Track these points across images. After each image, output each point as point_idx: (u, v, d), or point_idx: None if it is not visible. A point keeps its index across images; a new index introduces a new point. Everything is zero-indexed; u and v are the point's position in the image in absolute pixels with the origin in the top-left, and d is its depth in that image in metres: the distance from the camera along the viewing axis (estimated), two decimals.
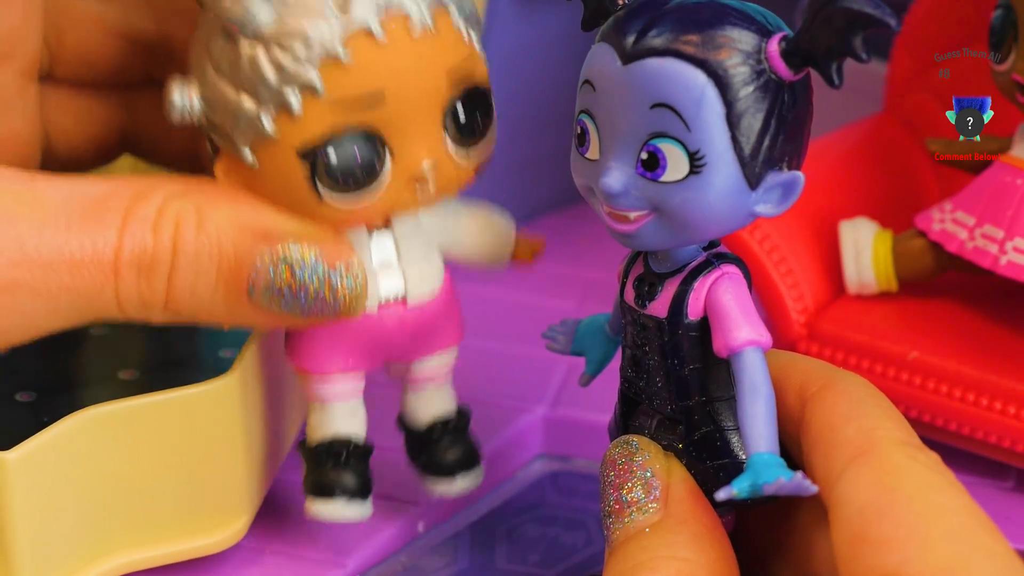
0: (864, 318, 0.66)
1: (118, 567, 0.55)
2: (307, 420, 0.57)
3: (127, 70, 0.60)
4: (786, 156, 0.48)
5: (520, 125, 0.66)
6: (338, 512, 0.56)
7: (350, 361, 0.56)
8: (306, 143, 0.51)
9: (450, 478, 0.59)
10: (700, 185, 0.47)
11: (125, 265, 0.50)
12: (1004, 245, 0.62)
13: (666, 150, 0.47)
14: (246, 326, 0.54)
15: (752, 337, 0.48)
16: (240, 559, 0.59)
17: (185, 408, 0.55)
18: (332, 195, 0.51)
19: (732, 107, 0.46)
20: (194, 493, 0.56)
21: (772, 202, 0.48)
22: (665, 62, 0.47)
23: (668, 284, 0.50)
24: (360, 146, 0.51)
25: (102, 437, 0.54)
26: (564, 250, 0.79)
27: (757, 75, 0.47)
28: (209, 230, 0.51)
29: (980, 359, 0.63)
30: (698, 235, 0.49)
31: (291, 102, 0.50)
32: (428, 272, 0.56)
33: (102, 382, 0.56)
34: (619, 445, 0.51)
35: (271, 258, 0.51)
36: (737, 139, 0.47)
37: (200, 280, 0.51)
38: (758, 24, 0.47)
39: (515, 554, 0.62)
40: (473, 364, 0.64)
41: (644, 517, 0.49)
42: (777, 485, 0.46)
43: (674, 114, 0.47)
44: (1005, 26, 0.62)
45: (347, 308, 0.52)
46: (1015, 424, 0.62)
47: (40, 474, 0.52)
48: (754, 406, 0.47)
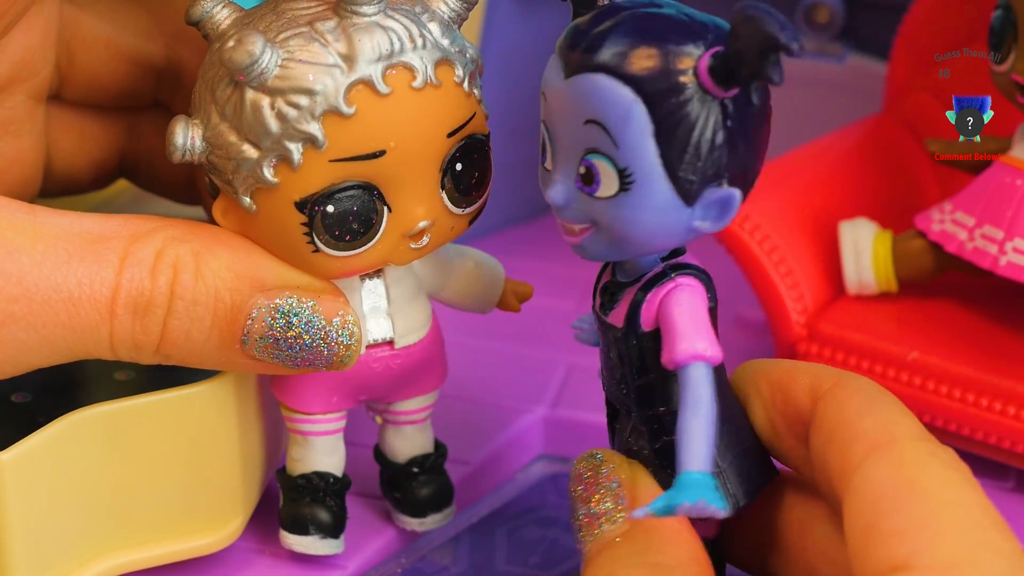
0: (864, 318, 0.66)
1: (113, 567, 0.55)
2: (288, 450, 0.58)
3: (135, 93, 0.61)
4: (725, 172, 0.47)
5: (519, 125, 0.66)
6: (309, 547, 0.57)
7: (333, 401, 0.56)
8: (304, 195, 0.51)
9: (421, 516, 0.59)
10: (630, 202, 0.47)
11: (121, 306, 0.50)
12: (1004, 245, 0.62)
13: (599, 166, 0.47)
14: (235, 371, 0.55)
15: (696, 351, 0.47)
16: (240, 560, 0.59)
17: (180, 408, 0.55)
18: (327, 247, 0.51)
19: (661, 125, 0.46)
20: (189, 493, 0.56)
21: (711, 219, 0.48)
22: (597, 78, 0.47)
23: (627, 293, 0.50)
24: (358, 201, 0.51)
25: (97, 437, 0.54)
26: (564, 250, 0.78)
27: (688, 91, 0.46)
28: (207, 277, 0.51)
29: (980, 359, 0.63)
30: (636, 249, 0.49)
31: (292, 154, 0.50)
32: (416, 317, 0.56)
33: (98, 382, 0.56)
34: (584, 459, 0.51)
35: (267, 308, 0.51)
36: (667, 156, 0.46)
37: (195, 326, 0.51)
38: (700, 39, 0.47)
39: (515, 556, 0.62)
40: (473, 364, 0.64)
41: (614, 527, 0.49)
42: (683, 509, 0.46)
43: (603, 131, 0.47)
44: (1005, 26, 0.62)
45: (340, 361, 0.52)
46: (1015, 424, 0.62)
47: (35, 474, 0.52)
48: (694, 421, 0.47)
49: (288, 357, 0.52)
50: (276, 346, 0.52)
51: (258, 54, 0.49)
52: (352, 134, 0.50)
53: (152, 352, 0.52)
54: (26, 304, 0.49)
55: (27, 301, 0.49)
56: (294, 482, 0.57)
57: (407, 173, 0.51)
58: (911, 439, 0.46)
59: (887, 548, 0.44)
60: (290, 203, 0.51)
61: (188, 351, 0.52)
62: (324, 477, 0.57)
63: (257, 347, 0.52)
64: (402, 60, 0.50)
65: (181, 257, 0.51)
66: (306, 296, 0.52)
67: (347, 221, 0.51)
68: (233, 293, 0.51)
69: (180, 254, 0.51)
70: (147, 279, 0.50)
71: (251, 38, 0.49)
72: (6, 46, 0.55)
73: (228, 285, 0.51)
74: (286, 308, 0.51)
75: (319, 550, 0.57)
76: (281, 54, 0.50)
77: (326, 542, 0.57)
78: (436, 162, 0.52)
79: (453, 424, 0.61)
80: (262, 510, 0.60)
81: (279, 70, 0.50)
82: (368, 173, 0.51)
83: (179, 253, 0.51)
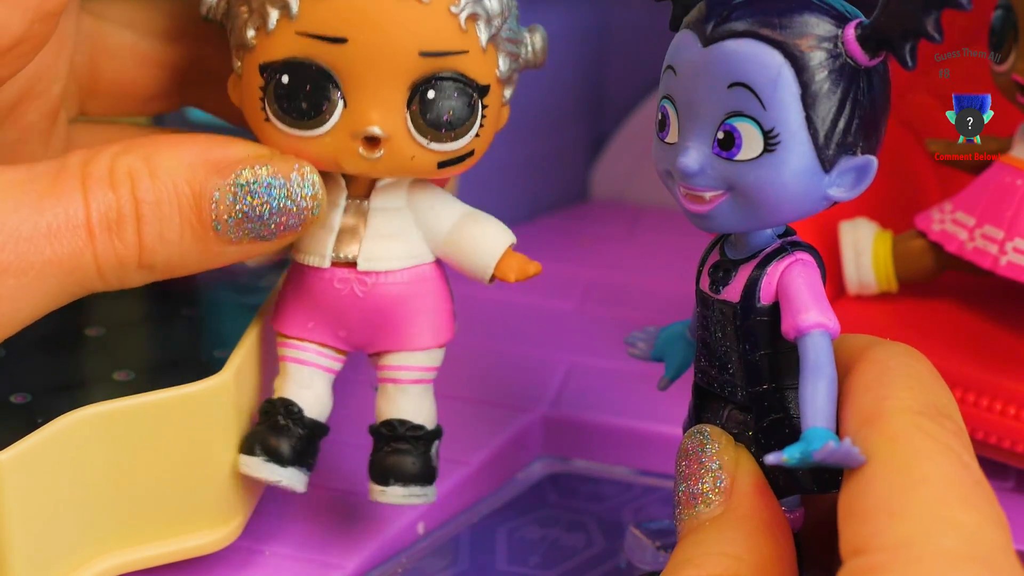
0: (864, 318, 0.66)
1: (113, 567, 0.55)
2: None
3: (162, 97, 0.61)
4: (860, 141, 0.49)
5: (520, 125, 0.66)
6: (252, 468, 0.56)
7: (310, 326, 0.57)
8: (268, 59, 0.53)
9: (383, 484, 0.57)
10: (774, 163, 0.48)
11: (97, 226, 0.51)
12: (1004, 245, 0.62)
13: (742, 129, 0.48)
14: (221, 264, 0.55)
15: (820, 320, 0.48)
16: (239, 559, 0.59)
17: (178, 408, 0.55)
18: (276, 120, 0.53)
19: (808, 88, 0.48)
20: (188, 493, 0.56)
21: (845, 186, 0.49)
22: (743, 43, 0.48)
23: (742, 269, 0.51)
24: (313, 81, 0.53)
25: (96, 437, 0.54)
26: (564, 250, 0.79)
27: (833, 59, 0.48)
28: (161, 176, 0.52)
29: (980, 359, 0.63)
30: (771, 216, 0.50)
31: (269, 17, 0.52)
32: (392, 248, 0.56)
33: (97, 383, 0.57)
34: (692, 435, 0.51)
35: (227, 187, 0.53)
36: (812, 120, 0.48)
37: (166, 225, 0.52)
38: (837, 12, 0.49)
39: (515, 555, 0.62)
40: (473, 364, 0.64)
41: (708, 510, 0.49)
42: (826, 451, 0.46)
43: (750, 93, 0.48)
44: (1005, 26, 0.62)
45: (311, 212, 0.54)
46: (1015, 424, 0.62)
47: (34, 474, 0.52)
48: (815, 385, 0.48)
49: (262, 227, 0.53)
50: (247, 219, 0.53)
51: None
52: (322, 13, 0.52)
53: (135, 266, 0.52)
54: (12, 250, 0.50)
55: (13, 246, 0.50)
56: (262, 407, 0.57)
57: (368, 72, 0.52)
58: (897, 412, 0.46)
59: (852, 529, 0.44)
60: (256, 65, 0.53)
61: (168, 255, 0.53)
62: (287, 403, 0.56)
63: (230, 228, 0.53)
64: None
65: (132, 164, 0.52)
66: (259, 163, 0.53)
67: (297, 96, 0.53)
68: (190, 183, 0.52)
69: (130, 162, 0.52)
70: (110, 193, 0.52)
71: None
72: None
73: (184, 176, 0.52)
74: (243, 180, 0.53)
75: (262, 473, 0.56)
76: None
77: (270, 467, 0.56)
78: (403, 76, 0.53)
79: (453, 424, 0.61)
80: (261, 509, 0.60)
81: None
82: (329, 59, 0.52)
83: (129, 161, 0.52)
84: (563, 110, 0.81)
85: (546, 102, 0.78)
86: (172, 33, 0.60)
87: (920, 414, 0.46)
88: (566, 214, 0.82)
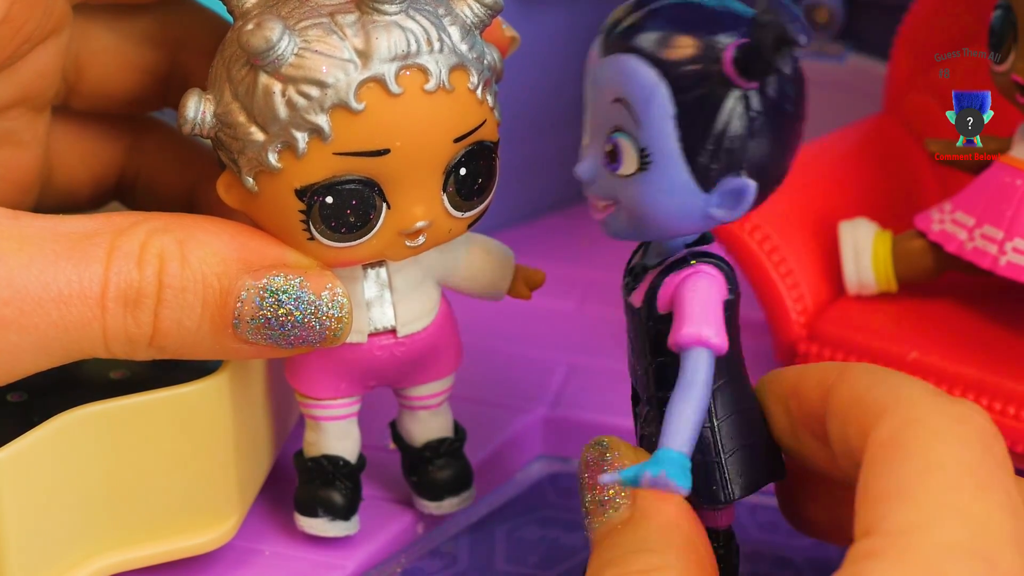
0: (864, 318, 0.66)
1: (108, 567, 0.56)
2: (304, 434, 0.58)
3: (143, 101, 0.61)
4: (744, 163, 0.48)
5: (520, 125, 0.66)
6: (319, 529, 0.58)
7: (342, 387, 0.57)
8: (305, 183, 0.51)
9: (439, 499, 0.60)
10: (648, 181, 0.48)
11: (111, 300, 0.50)
12: (1004, 245, 0.62)
13: (622, 144, 0.48)
14: (230, 358, 0.55)
15: (701, 336, 0.48)
16: (236, 558, 0.59)
17: (175, 407, 0.55)
18: (323, 237, 0.52)
19: (682, 109, 0.47)
20: (184, 492, 0.56)
21: (726, 207, 0.49)
22: (627, 58, 0.48)
23: (648, 276, 0.51)
24: (357, 195, 0.51)
25: (92, 436, 0.54)
26: (564, 250, 0.79)
27: (712, 80, 0.47)
28: (193, 264, 0.51)
29: (980, 359, 0.63)
30: (654, 230, 0.50)
31: (298, 142, 0.50)
32: (420, 305, 0.56)
33: (94, 382, 0.56)
34: (591, 447, 0.52)
35: (256, 289, 0.52)
36: (687, 140, 0.47)
37: (186, 314, 0.51)
38: (733, 29, 0.47)
39: (515, 555, 0.62)
40: (473, 364, 0.64)
41: (618, 514, 0.50)
42: (645, 480, 0.47)
43: (627, 109, 0.48)
44: (1005, 26, 0.62)
45: (333, 335, 0.53)
46: (1015, 424, 0.62)
47: (30, 473, 0.52)
48: (683, 404, 0.48)
49: (281, 336, 0.52)
50: (268, 326, 0.52)
51: (275, 40, 0.50)
52: (359, 130, 0.50)
53: (146, 345, 0.52)
54: (17, 307, 0.49)
55: (18, 303, 0.49)
56: (306, 464, 0.58)
57: (410, 173, 0.51)
58: (918, 397, 0.46)
59: (864, 510, 0.44)
60: (291, 189, 0.51)
61: (182, 341, 0.52)
62: (334, 461, 0.57)
63: (249, 329, 0.52)
64: (417, 62, 0.50)
65: (166, 246, 0.51)
66: (293, 273, 0.52)
67: (344, 214, 0.51)
68: (220, 277, 0.51)
69: (164, 243, 0.51)
70: (135, 271, 0.51)
71: (270, 23, 0.50)
72: (20, 68, 0.55)
73: (215, 270, 0.51)
74: (274, 287, 0.52)
75: (329, 532, 0.58)
76: (298, 42, 0.50)
77: (335, 524, 0.58)
78: (440, 165, 0.52)
79: None
80: (258, 508, 0.60)
81: (294, 58, 0.50)
82: (370, 169, 0.51)
83: (163, 243, 0.51)
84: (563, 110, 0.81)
85: (546, 102, 0.78)
86: (156, 39, 0.59)
87: (934, 396, 0.46)
88: (566, 214, 0.82)
